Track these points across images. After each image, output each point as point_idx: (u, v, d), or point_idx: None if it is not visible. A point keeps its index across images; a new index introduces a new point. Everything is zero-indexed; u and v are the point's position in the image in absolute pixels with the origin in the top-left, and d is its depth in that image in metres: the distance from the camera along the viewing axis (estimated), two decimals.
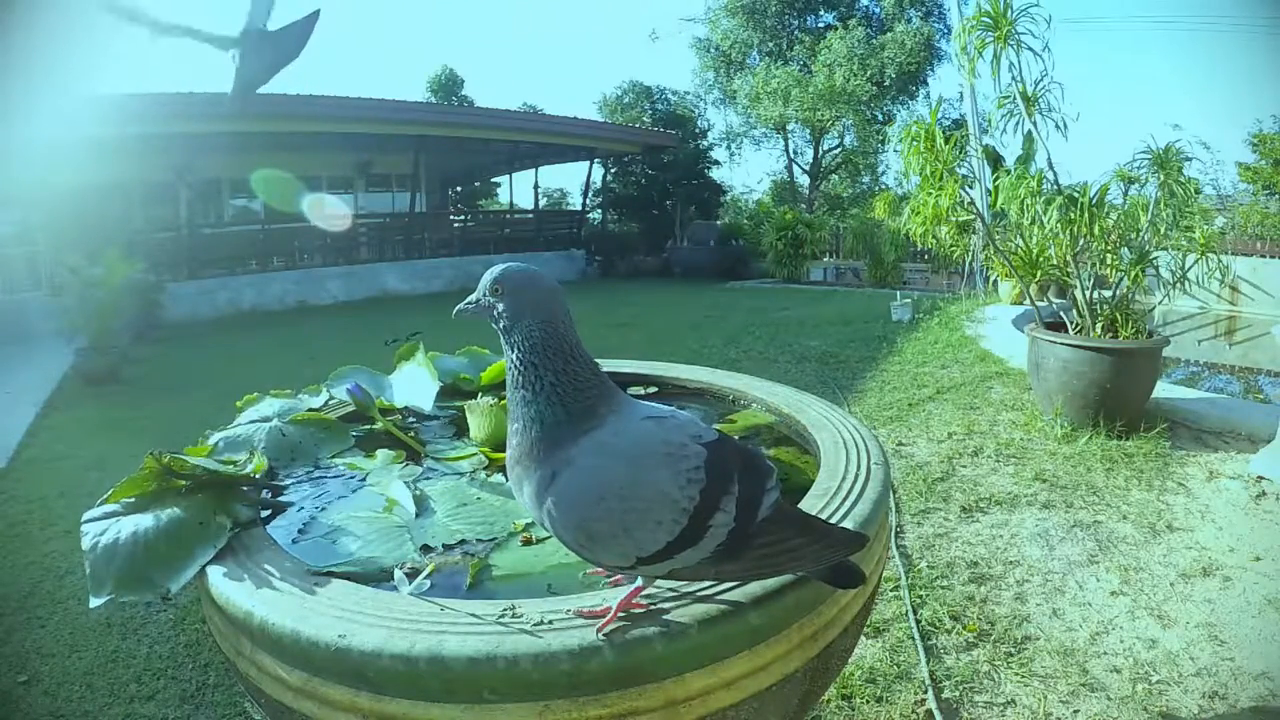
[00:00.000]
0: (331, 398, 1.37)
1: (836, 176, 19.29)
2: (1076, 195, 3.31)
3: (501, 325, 0.80)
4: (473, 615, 0.73)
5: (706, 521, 0.73)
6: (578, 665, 0.69)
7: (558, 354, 0.77)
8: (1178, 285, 3.47)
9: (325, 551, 0.93)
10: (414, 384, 1.41)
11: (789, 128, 17.91)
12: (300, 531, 0.99)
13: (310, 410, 1.31)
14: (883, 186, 17.50)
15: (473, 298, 0.82)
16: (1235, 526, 2.47)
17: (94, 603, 0.83)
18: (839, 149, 18.47)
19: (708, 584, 0.79)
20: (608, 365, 1.68)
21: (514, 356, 0.78)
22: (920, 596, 2.10)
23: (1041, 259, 3.85)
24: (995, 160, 3.94)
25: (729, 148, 18.97)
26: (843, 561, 0.79)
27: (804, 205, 16.64)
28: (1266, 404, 4.26)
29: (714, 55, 18.62)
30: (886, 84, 16.66)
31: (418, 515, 1.02)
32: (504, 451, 1.20)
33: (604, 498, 0.72)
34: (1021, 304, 6.47)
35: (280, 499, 1.07)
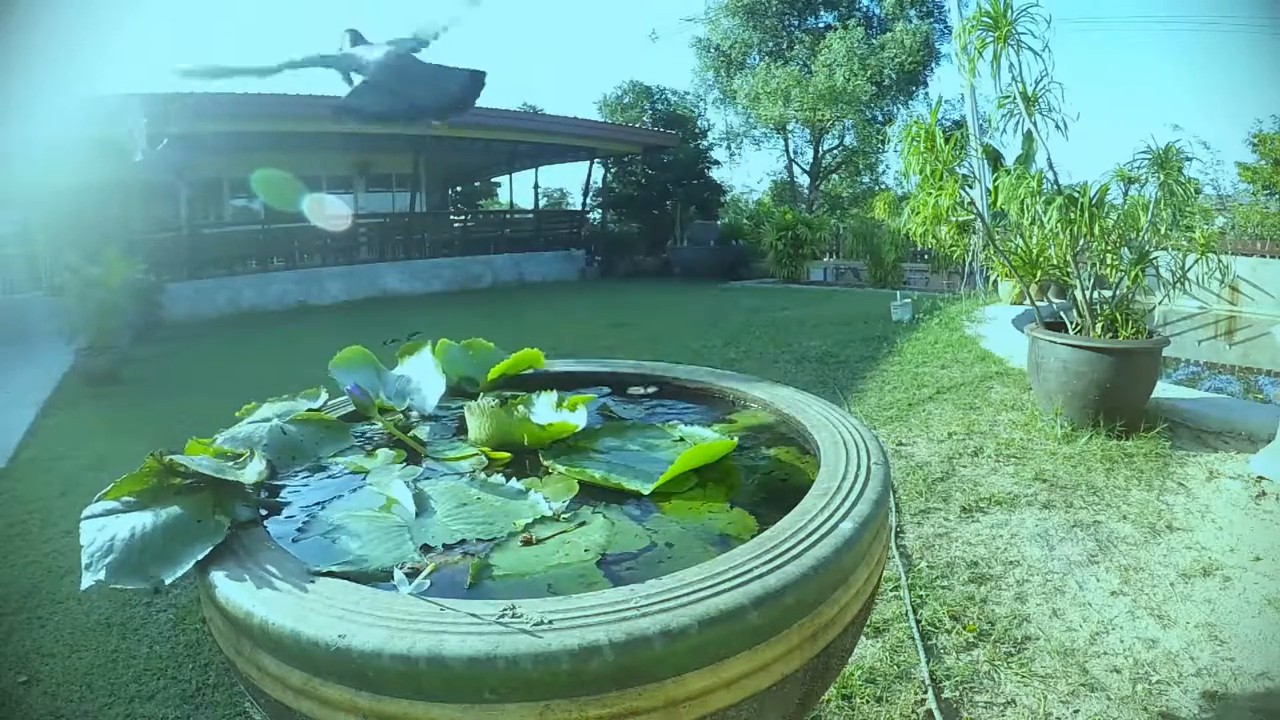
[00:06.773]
0: (328, 399, 1.37)
1: (836, 176, 19.29)
2: (1076, 195, 3.31)
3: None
4: (473, 615, 0.73)
5: None
6: (578, 665, 0.68)
7: None
8: (1178, 285, 3.47)
9: (325, 551, 0.93)
10: (417, 383, 1.41)
11: (789, 128, 17.92)
12: (300, 531, 0.99)
13: (310, 410, 1.31)
14: (883, 186, 17.51)
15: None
16: (1235, 526, 2.47)
17: (85, 583, 0.84)
18: (839, 149, 18.48)
19: (707, 583, 0.79)
20: (607, 365, 1.68)
21: None
22: (920, 596, 2.10)
23: (1041, 259, 3.85)
24: (995, 160, 3.94)
25: (729, 148, 19.01)
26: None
27: (804, 205, 16.65)
28: (1266, 404, 4.26)
29: (714, 55, 18.61)
30: (886, 84, 16.66)
31: (418, 515, 1.01)
32: (504, 451, 1.22)
33: None
34: (1021, 304, 6.47)
35: (280, 499, 1.07)
